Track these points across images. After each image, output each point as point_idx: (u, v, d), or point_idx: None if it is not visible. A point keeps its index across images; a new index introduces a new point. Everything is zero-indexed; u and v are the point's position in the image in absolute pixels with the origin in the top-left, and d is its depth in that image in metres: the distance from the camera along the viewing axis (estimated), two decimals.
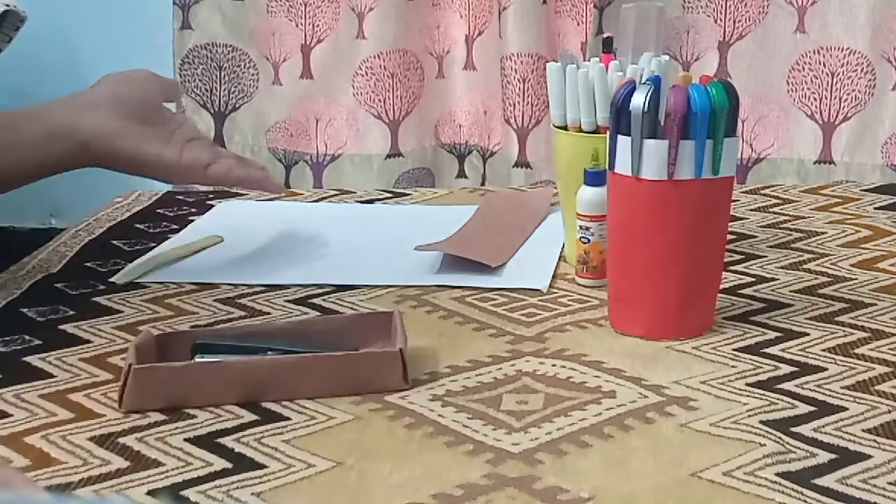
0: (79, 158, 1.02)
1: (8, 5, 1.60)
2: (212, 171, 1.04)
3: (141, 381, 0.79)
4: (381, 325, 0.88)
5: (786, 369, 0.85)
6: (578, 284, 1.03)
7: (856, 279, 1.04)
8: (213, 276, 1.08)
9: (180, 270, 1.10)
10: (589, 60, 1.06)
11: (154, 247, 1.16)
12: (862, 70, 1.83)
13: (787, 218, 1.23)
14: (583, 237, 1.01)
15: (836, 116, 1.86)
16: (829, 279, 1.04)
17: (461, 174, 2.03)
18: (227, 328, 0.94)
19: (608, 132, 0.91)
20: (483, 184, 1.99)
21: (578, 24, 1.92)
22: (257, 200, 1.34)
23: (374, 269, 1.10)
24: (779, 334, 0.92)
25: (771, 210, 1.27)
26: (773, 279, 1.05)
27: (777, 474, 0.70)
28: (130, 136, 1.01)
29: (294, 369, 0.81)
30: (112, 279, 1.07)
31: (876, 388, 0.82)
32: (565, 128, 1.06)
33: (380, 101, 1.98)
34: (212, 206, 1.32)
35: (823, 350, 0.89)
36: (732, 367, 0.86)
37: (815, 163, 1.87)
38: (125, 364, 0.80)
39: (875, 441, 0.74)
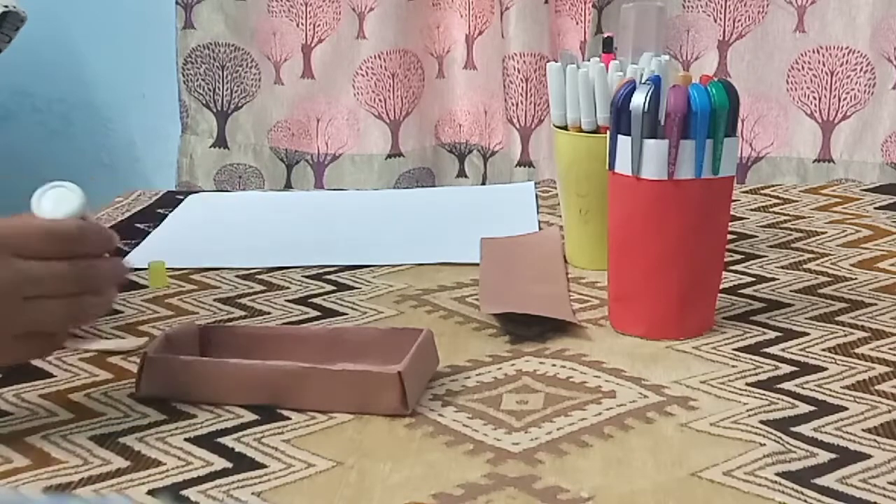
0: None
1: (7, 6, 1.60)
2: None
3: (152, 370, 0.82)
4: (412, 343, 0.83)
5: (786, 369, 0.86)
6: (582, 283, 1.04)
7: (856, 279, 1.04)
8: (222, 261, 1.12)
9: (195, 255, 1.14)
10: (588, 60, 1.06)
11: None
12: (861, 69, 1.83)
13: (787, 218, 1.23)
14: None
15: (836, 115, 1.86)
16: (829, 279, 1.04)
17: (461, 173, 2.03)
18: (263, 328, 0.93)
19: (608, 132, 0.91)
20: (484, 183, 1.99)
21: (577, 23, 1.92)
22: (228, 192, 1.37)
23: (383, 249, 1.14)
24: (779, 334, 0.92)
25: (771, 210, 1.27)
26: (774, 279, 1.05)
27: (777, 474, 0.70)
28: None
29: (297, 378, 0.80)
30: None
31: (876, 387, 0.82)
32: (566, 128, 1.06)
33: (380, 100, 1.98)
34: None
35: (823, 350, 0.89)
36: (732, 366, 0.86)
37: (814, 161, 1.87)
38: (143, 352, 0.83)
39: (875, 441, 0.74)
